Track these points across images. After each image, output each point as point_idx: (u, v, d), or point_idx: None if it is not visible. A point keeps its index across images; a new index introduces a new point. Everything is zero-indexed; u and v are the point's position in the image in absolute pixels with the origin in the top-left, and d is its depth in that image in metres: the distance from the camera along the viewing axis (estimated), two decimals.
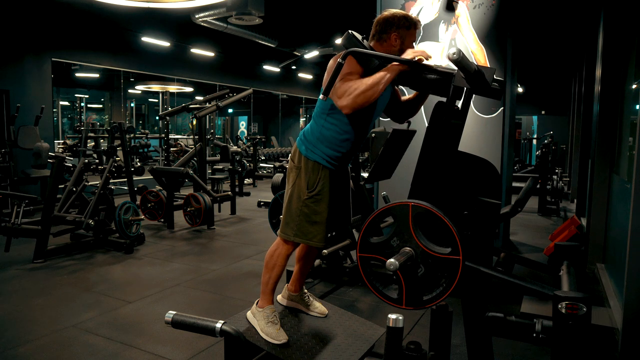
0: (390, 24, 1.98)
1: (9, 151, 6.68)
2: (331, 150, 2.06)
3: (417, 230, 1.68)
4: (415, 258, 1.67)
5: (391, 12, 2.01)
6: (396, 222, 1.72)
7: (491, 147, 4.64)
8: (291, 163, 2.15)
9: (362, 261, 1.78)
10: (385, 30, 1.99)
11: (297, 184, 2.10)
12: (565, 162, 12.09)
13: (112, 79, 10.74)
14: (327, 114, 2.02)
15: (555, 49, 10.01)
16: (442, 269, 1.65)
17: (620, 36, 4.15)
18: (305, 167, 2.08)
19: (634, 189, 2.55)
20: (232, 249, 5.09)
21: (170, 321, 1.80)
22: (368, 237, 1.78)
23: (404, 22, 1.98)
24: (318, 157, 2.06)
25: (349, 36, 1.95)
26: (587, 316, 1.48)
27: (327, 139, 2.05)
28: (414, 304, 1.70)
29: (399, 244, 1.71)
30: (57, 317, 3.17)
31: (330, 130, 2.04)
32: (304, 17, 8.96)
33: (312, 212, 2.08)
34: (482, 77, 1.73)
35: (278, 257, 2.15)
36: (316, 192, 2.06)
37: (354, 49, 1.84)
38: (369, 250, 1.77)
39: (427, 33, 4.85)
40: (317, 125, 2.06)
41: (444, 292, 1.65)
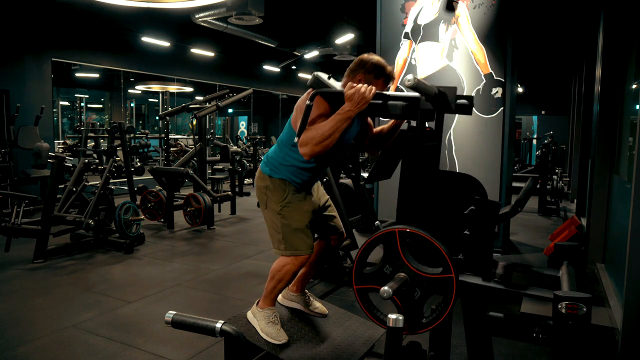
0: (361, 66, 2.04)
1: (9, 151, 6.68)
2: (292, 176, 2.13)
3: (407, 254, 1.71)
4: (409, 282, 1.69)
5: (370, 56, 2.06)
6: (386, 250, 1.74)
7: (491, 147, 4.64)
8: (258, 187, 2.21)
9: (359, 293, 1.80)
10: (356, 69, 2.05)
11: (269, 203, 2.16)
12: (565, 162, 12.09)
13: (112, 79, 10.74)
14: (292, 145, 2.07)
15: (555, 49, 10.02)
16: (437, 289, 1.66)
17: (620, 36, 4.15)
18: (273, 185, 2.14)
19: (634, 189, 2.55)
20: (232, 249, 5.09)
21: (170, 321, 1.79)
22: (361, 268, 1.80)
23: (372, 69, 2.02)
24: (283, 176, 2.13)
25: (315, 77, 2.03)
26: (587, 316, 1.48)
27: (290, 166, 2.12)
28: (415, 328, 1.71)
29: (392, 270, 1.73)
30: (57, 317, 3.17)
31: (293, 159, 2.10)
32: (304, 17, 8.96)
33: (291, 220, 2.12)
34: (444, 97, 1.79)
35: (286, 273, 2.15)
36: (287, 201, 2.12)
37: (320, 89, 1.93)
38: (363, 282, 1.79)
39: (427, 33, 4.85)
40: (282, 152, 2.14)
41: (443, 312, 1.66)
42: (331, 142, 1.88)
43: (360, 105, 1.83)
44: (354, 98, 1.82)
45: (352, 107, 1.83)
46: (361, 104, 1.83)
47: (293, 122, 2.07)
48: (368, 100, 1.83)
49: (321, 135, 1.86)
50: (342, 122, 1.86)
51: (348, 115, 1.85)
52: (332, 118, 1.87)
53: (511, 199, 4.49)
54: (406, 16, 4.97)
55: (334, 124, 1.86)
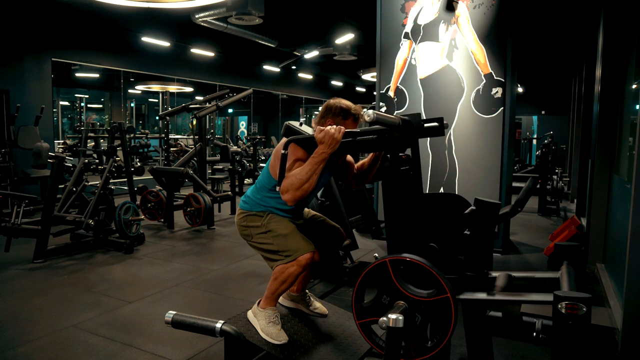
0: (327, 111, 2.16)
1: (9, 151, 6.68)
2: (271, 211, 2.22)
3: (402, 281, 1.72)
4: (408, 309, 1.70)
5: (335, 101, 2.15)
6: (380, 281, 1.76)
7: (491, 147, 4.64)
8: (239, 226, 2.28)
9: (363, 327, 1.83)
10: (324, 115, 2.16)
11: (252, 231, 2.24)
12: (565, 162, 12.09)
13: (112, 79, 10.74)
14: (270, 189, 2.18)
15: (555, 49, 10.01)
16: (436, 311, 1.67)
17: (620, 36, 4.15)
18: (252, 215, 2.23)
19: (634, 189, 2.55)
20: (232, 249, 5.09)
21: (170, 321, 1.80)
22: (360, 302, 1.83)
23: (338, 112, 2.12)
24: (262, 210, 2.22)
25: (287, 127, 2.16)
26: (587, 316, 1.48)
27: (267, 206, 2.22)
28: (422, 353, 1.72)
29: (389, 300, 1.75)
30: (57, 317, 3.17)
31: (271, 200, 2.21)
32: (304, 17, 8.95)
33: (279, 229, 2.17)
34: (409, 125, 1.86)
35: (289, 275, 2.16)
36: (268, 219, 2.20)
37: (293, 137, 2.03)
38: (364, 315, 1.83)
39: (427, 33, 4.85)
40: (259, 194, 2.25)
41: (445, 333, 1.67)
42: (310, 185, 1.95)
43: (332, 145, 1.91)
44: (325, 140, 1.91)
45: (325, 148, 1.92)
46: (333, 144, 1.91)
47: (271, 168, 2.17)
48: (339, 140, 1.92)
49: (300, 180, 1.94)
50: (318, 164, 1.94)
51: (322, 157, 1.93)
52: (308, 162, 1.95)
53: (511, 199, 4.50)
54: (406, 16, 4.97)
55: (311, 167, 1.94)
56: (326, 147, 1.91)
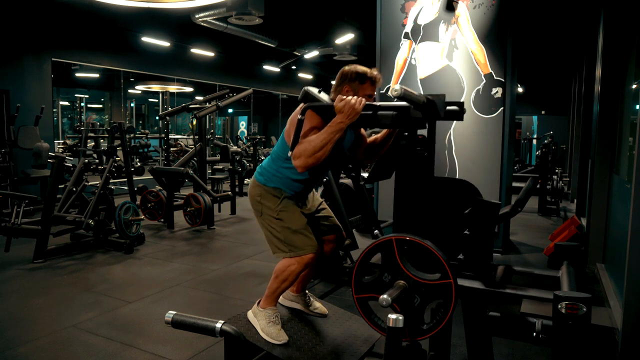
0: (343, 78, 2.08)
1: (9, 151, 6.68)
2: (285, 187, 2.17)
3: (405, 261, 1.71)
4: (408, 289, 1.69)
5: (351, 67, 2.10)
6: (383, 258, 1.75)
7: (491, 147, 4.64)
8: (252, 197, 2.24)
9: (360, 302, 1.82)
10: (339, 83, 2.09)
11: (264, 210, 2.20)
12: (565, 162, 12.09)
13: (112, 79, 10.74)
14: (286, 158, 2.12)
15: (555, 49, 10.01)
16: (437, 295, 1.67)
17: (620, 36, 4.15)
18: (267, 192, 2.18)
19: (634, 189, 2.55)
20: (232, 249, 5.09)
21: (170, 321, 1.80)
22: (360, 277, 1.81)
23: (355, 76, 2.05)
24: (277, 184, 2.17)
25: (305, 92, 2.06)
26: (587, 316, 1.48)
27: (283, 178, 2.16)
28: (416, 335, 1.71)
29: (390, 278, 1.73)
30: (57, 317, 3.17)
31: (286, 170, 2.14)
32: (304, 17, 8.96)
33: (290, 222, 2.15)
34: (433, 105, 1.81)
35: (291, 273, 2.16)
36: (283, 206, 2.16)
37: (311, 103, 1.96)
38: (363, 291, 1.81)
39: (427, 33, 4.85)
40: (275, 165, 2.18)
41: (443, 317, 1.66)
42: (324, 154, 1.91)
43: (350, 117, 1.86)
44: (344, 110, 1.85)
45: (343, 119, 1.86)
46: (352, 115, 1.86)
47: (286, 136, 2.11)
48: (358, 112, 1.86)
49: (313, 147, 1.90)
50: (334, 134, 1.89)
51: (339, 127, 1.88)
52: (324, 130, 1.91)
53: (511, 199, 4.50)
54: (406, 16, 4.97)
55: (326, 136, 1.89)
56: (345, 117, 1.86)
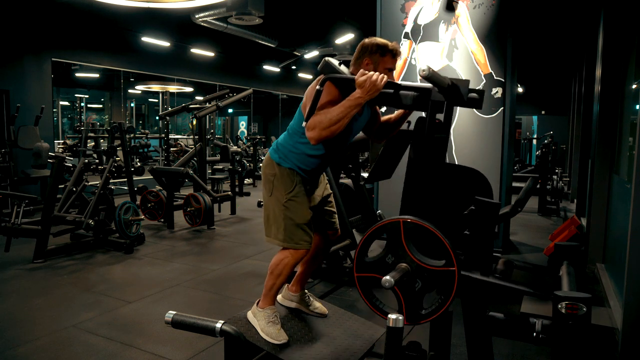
0: (364, 50, 2.03)
1: (9, 151, 6.68)
2: (301, 164, 2.13)
3: (411, 245, 1.70)
4: (411, 273, 1.68)
5: (369, 39, 2.05)
6: (389, 239, 1.74)
7: (491, 147, 4.64)
8: (265, 173, 2.20)
9: (360, 281, 1.80)
10: (360, 55, 2.05)
11: (274, 191, 2.15)
12: (565, 162, 12.08)
13: (112, 79, 10.74)
14: (302, 133, 2.07)
15: (555, 49, 10.01)
16: (439, 281, 1.66)
17: (620, 36, 4.15)
18: (280, 174, 2.14)
19: (634, 189, 2.55)
20: (232, 249, 5.09)
21: (170, 321, 1.80)
22: (363, 256, 1.79)
23: (376, 49, 2.01)
24: (292, 165, 2.13)
25: (326, 63, 2.01)
26: (587, 316, 1.48)
27: (299, 153, 2.12)
28: (414, 319, 1.71)
29: (394, 260, 1.72)
30: (57, 317, 3.17)
31: (303, 145, 2.10)
32: (304, 17, 8.96)
33: (295, 215, 2.12)
34: (457, 90, 1.77)
35: (285, 266, 2.15)
36: (294, 194, 2.11)
37: (331, 75, 1.91)
38: (365, 270, 1.78)
39: (427, 33, 4.85)
40: (291, 140, 2.13)
41: (443, 304, 1.66)
42: (339, 128, 1.87)
43: (371, 92, 1.81)
44: (365, 85, 1.80)
45: (363, 94, 1.81)
46: (372, 91, 1.80)
47: (303, 109, 2.06)
48: (379, 89, 1.81)
49: (329, 120, 1.86)
50: (352, 108, 1.84)
51: (358, 102, 1.84)
52: (342, 104, 1.86)
53: (511, 199, 4.50)
54: (406, 16, 4.97)
55: (343, 109, 1.85)
56: (364, 92, 1.80)
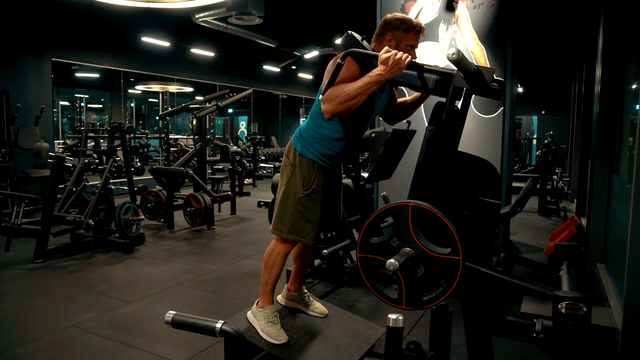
0: (386, 25, 1.98)
1: (9, 151, 6.68)
2: (325, 149, 2.08)
3: (417, 230, 1.68)
4: (415, 258, 1.67)
5: (392, 14, 2.01)
6: (396, 223, 1.72)
7: (491, 147, 4.64)
8: (286, 160, 2.16)
9: (362, 262, 1.78)
10: (382, 31, 1.99)
11: (292, 182, 2.12)
12: (565, 162, 12.09)
13: (112, 79, 10.74)
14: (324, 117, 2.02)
15: (555, 49, 10.01)
16: (442, 269, 1.65)
17: (620, 36, 4.15)
18: (300, 165, 2.10)
19: (634, 189, 2.55)
20: (232, 249, 5.09)
21: (170, 321, 1.79)
22: (368, 237, 1.78)
23: (399, 24, 1.95)
24: (313, 156, 2.09)
25: (349, 37, 1.95)
26: (587, 316, 1.48)
27: (322, 138, 2.07)
28: (414, 304, 1.70)
29: (399, 244, 1.70)
30: (57, 317, 3.17)
31: (325, 129, 2.05)
32: (304, 17, 8.96)
33: (307, 210, 2.10)
34: (481, 77, 1.72)
35: (277, 256, 2.15)
36: (311, 190, 2.09)
37: (353, 49, 1.84)
38: (368, 251, 1.77)
39: (427, 33, 4.84)
40: (314, 124, 2.09)
41: (444, 292, 1.65)
42: (356, 104, 1.82)
43: (393, 71, 1.75)
44: (388, 62, 1.74)
45: (385, 71, 1.75)
46: (394, 70, 1.75)
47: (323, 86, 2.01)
48: (402, 67, 1.75)
49: (347, 94, 1.81)
50: (371, 85, 1.79)
51: (378, 80, 1.78)
52: (362, 80, 1.81)
53: (511, 199, 4.50)
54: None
55: (362, 85, 1.79)
56: (386, 70, 1.74)
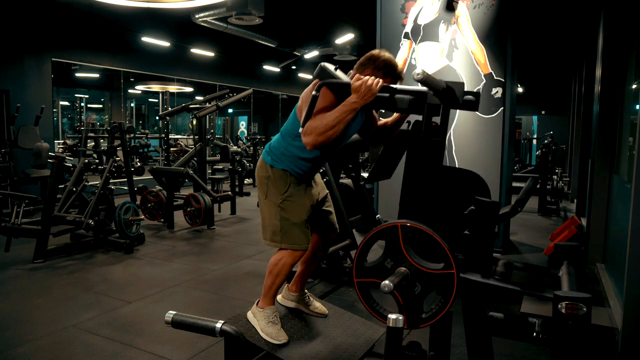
0: (371, 61, 2.01)
1: (9, 151, 6.68)
2: (293, 166, 2.13)
3: (409, 249, 1.70)
4: (410, 277, 1.68)
5: (382, 53, 2.03)
6: (387, 244, 1.74)
7: (491, 147, 4.64)
8: (259, 176, 2.21)
9: (360, 286, 1.80)
10: (365, 63, 2.03)
11: (269, 193, 2.17)
12: (565, 162, 12.09)
13: (112, 79, 10.74)
14: (296, 135, 2.07)
15: (555, 49, 10.01)
16: (438, 284, 1.66)
17: (620, 36, 4.15)
18: (274, 176, 2.15)
19: (634, 189, 2.56)
20: (232, 249, 5.09)
21: (170, 321, 1.79)
22: (362, 261, 1.80)
23: (382, 66, 1.99)
24: (284, 166, 2.13)
25: (322, 68, 2.00)
26: (587, 316, 1.47)
27: (291, 156, 2.12)
28: (414, 323, 1.71)
29: (393, 264, 1.72)
30: (57, 317, 3.17)
31: (295, 149, 2.10)
32: (304, 17, 8.96)
33: (290, 214, 2.13)
34: (452, 92, 1.78)
35: (283, 266, 2.16)
36: (288, 194, 2.12)
37: (327, 80, 1.90)
38: (364, 275, 1.79)
39: (427, 33, 4.85)
40: (284, 141, 2.14)
41: (443, 307, 1.66)
42: (335, 133, 1.88)
43: (366, 97, 1.81)
44: (361, 90, 1.81)
45: (358, 99, 1.82)
46: (367, 96, 1.81)
47: (298, 112, 2.07)
48: (375, 93, 1.82)
49: (325, 125, 1.86)
50: (347, 113, 1.85)
51: (353, 107, 1.84)
52: (338, 109, 1.86)
53: (511, 199, 4.50)
54: (406, 16, 4.97)
55: (339, 114, 1.85)
56: (360, 97, 1.82)
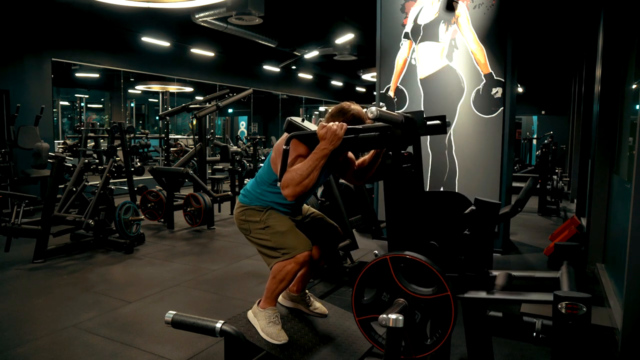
0: (341, 114, 2.13)
1: (9, 151, 6.68)
2: (273, 205, 2.23)
3: (402, 279, 1.72)
4: (408, 307, 1.70)
5: (351, 106, 2.14)
6: (380, 278, 1.76)
7: (491, 147, 4.64)
8: (238, 219, 2.29)
9: (362, 324, 1.82)
10: (336, 115, 2.14)
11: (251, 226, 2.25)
12: (565, 162, 12.09)
13: (112, 79, 10.74)
14: (270, 184, 2.19)
15: (555, 49, 10.01)
16: (436, 309, 1.68)
17: (620, 36, 4.15)
18: (251, 209, 2.24)
19: (634, 189, 2.55)
20: (232, 249, 5.09)
21: (170, 321, 1.80)
22: (359, 299, 1.82)
23: (352, 118, 2.10)
24: (262, 203, 2.23)
25: (290, 122, 2.13)
26: (587, 316, 1.48)
27: (267, 201, 2.22)
28: (421, 350, 1.71)
29: (389, 297, 1.75)
30: (57, 317, 3.17)
31: (271, 194, 2.21)
32: (304, 17, 8.95)
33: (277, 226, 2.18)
34: (412, 123, 1.87)
35: (287, 273, 2.17)
36: (267, 215, 2.21)
37: (295, 133, 2.01)
38: (364, 312, 1.82)
39: (427, 33, 4.85)
40: (259, 189, 2.24)
41: (445, 331, 1.67)
42: (311, 181, 1.96)
43: (334, 142, 1.91)
44: (327, 136, 1.90)
45: (327, 145, 1.92)
46: (334, 140, 1.91)
47: (272, 162, 2.18)
48: (340, 137, 1.92)
49: (300, 175, 1.95)
50: (319, 160, 1.94)
51: (324, 154, 1.93)
52: (310, 158, 1.95)
53: (511, 199, 4.50)
54: (406, 16, 4.97)
55: (312, 163, 1.94)
56: (328, 143, 1.91)
